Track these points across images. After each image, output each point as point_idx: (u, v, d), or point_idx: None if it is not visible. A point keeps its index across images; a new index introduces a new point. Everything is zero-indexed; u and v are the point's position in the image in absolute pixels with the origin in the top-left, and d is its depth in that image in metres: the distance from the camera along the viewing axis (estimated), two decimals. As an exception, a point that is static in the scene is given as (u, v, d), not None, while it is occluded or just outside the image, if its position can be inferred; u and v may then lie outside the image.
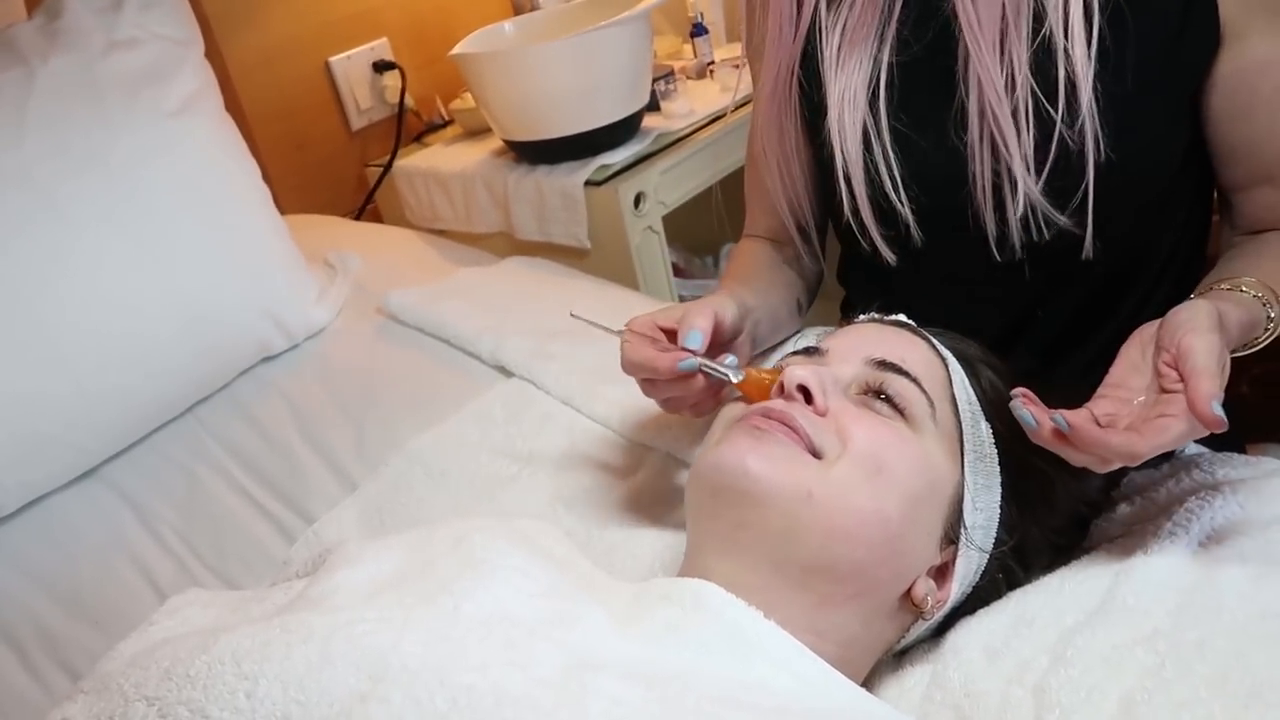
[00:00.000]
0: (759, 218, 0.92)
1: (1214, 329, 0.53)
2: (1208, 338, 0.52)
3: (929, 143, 0.72)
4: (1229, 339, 0.56)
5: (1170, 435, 0.51)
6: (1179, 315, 0.55)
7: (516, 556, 0.58)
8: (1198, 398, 0.50)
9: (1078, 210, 0.67)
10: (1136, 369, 0.56)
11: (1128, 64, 0.65)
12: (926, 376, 0.60)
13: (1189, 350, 0.52)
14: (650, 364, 0.66)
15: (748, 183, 0.93)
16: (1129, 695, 0.49)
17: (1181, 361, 0.52)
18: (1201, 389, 0.50)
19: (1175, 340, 0.53)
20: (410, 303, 1.11)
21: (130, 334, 0.96)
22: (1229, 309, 0.58)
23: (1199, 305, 0.55)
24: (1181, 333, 0.53)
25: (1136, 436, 0.51)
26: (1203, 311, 0.54)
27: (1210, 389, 0.50)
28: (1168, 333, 0.54)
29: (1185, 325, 0.53)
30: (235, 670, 0.45)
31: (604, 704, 0.44)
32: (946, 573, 0.58)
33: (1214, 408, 0.49)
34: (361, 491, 0.89)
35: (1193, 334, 0.52)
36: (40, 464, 0.92)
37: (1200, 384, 0.50)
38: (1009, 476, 0.59)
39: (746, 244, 0.92)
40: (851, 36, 0.73)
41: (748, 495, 0.54)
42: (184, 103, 1.04)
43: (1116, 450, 0.51)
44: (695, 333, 0.66)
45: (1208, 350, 0.51)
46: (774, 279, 0.87)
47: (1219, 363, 0.52)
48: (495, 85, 1.34)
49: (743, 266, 0.89)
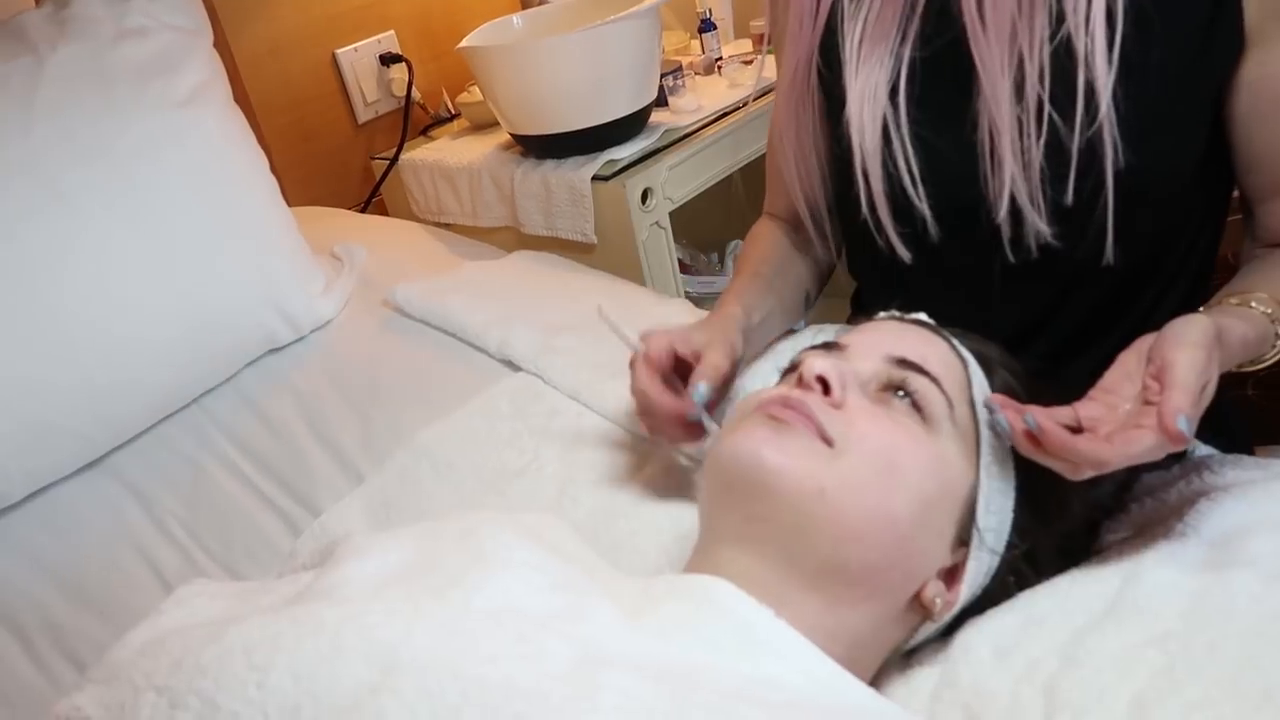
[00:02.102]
0: (777, 199, 0.93)
1: (1201, 345, 0.53)
2: (1191, 353, 0.52)
3: (947, 140, 0.71)
4: (1229, 355, 0.57)
5: (1139, 447, 0.51)
6: (1173, 329, 0.55)
7: (525, 550, 0.58)
8: (1166, 410, 0.50)
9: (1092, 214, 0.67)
10: (1130, 377, 0.56)
11: (1151, 67, 0.65)
12: (946, 376, 0.60)
13: (1170, 364, 0.52)
14: (656, 405, 0.71)
15: (768, 164, 0.94)
16: (1140, 696, 0.49)
17: (1162, 374, 0.52)
18: (1171, 401, 0.50)
19: (1162, 354, 0.53)
20: (417, 296, 1.11)
21: (136, 324, 0.95)
22: (1233, 324, 0.58)
23: (1194, 320, 0.55)
24: (1169, 347, 0.53)
25: (1106, 445, 0.51)
26: (1196, 326, 0.54)
27: (1179, 403, 0.50)
28: (1158, 345, 0.54)
29: (1173, 339, 0.54)
30: (246, 661, 0.44)
31: (614, 698, 0.44)
32: (956, 574, 0.58)
33: (1178, 421, 0.49)
34: (368, 484, 0.89)
35: (1177, 348, 0.53)
36: (45, 453, 0.92)
37: (1171, 396, 0.50)
38: (1023, 480, 0.59)
39: (764, 227, 0.93)
40: (873, 32, 0.73)
41: (762, 487, 0.54)
42: (193, 92, 1.04)
43: (1084, 457, 0.52)
44: (703, 387, 0.69)
45: (1188, 365, 0.52)
46: (787, 271, 0.87)
47: (1199, 378, 0.52)
48: (503, 79, 1.33)
49: (756, 256, 0.89)
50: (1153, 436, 0.51)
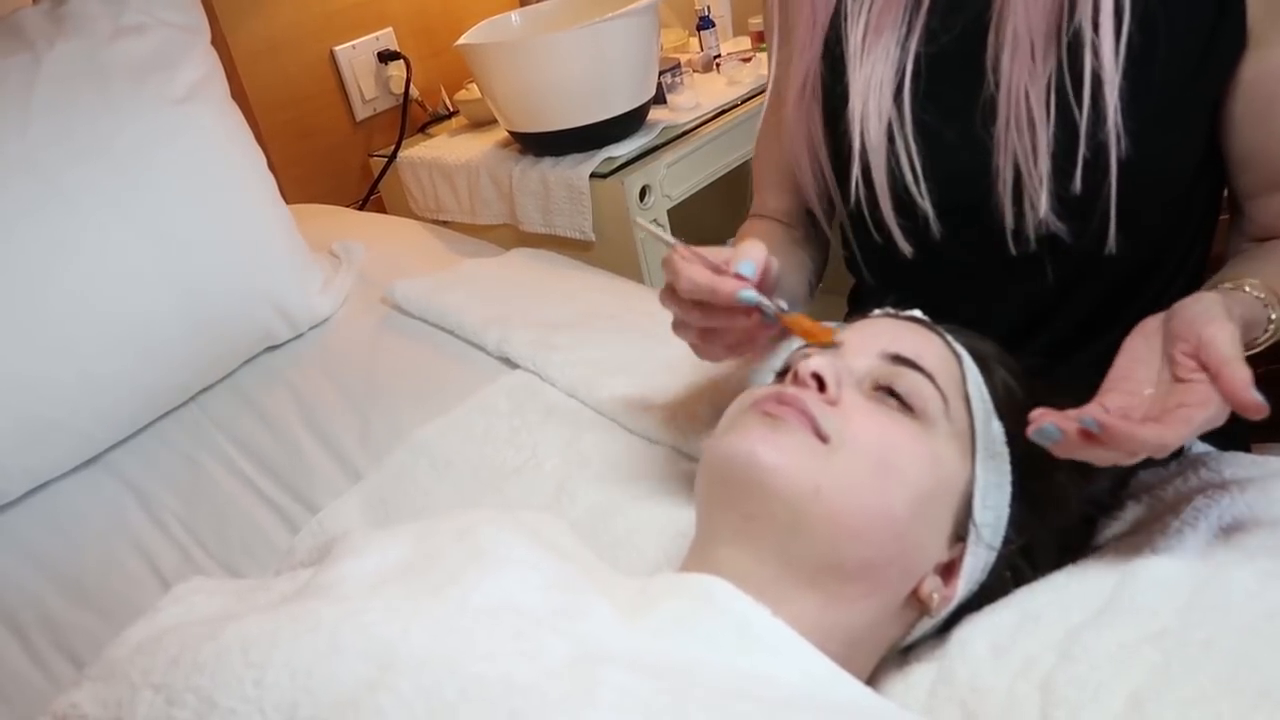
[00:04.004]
0: (770, 198, 0.91)
1: (1228, 318, 0.53)
2: (1228, 327, 0.52)
3: (953, 135, 0.71)
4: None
5: (1194, 424, 0.51)
6: (1193, 308, 0.55)
7: (523, 548, 0.58)
8: (1237, 385, 0.50)
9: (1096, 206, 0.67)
10: (1142, 361, 0.56)
11: (1156, 62, 0.65)
12: (941, 372, 0.60)
13: (1211, 340, 0.52)
14: (710, 285, 0.61)
15: (758, 164, 0.92)
16: (1136, 693, 0.49)
17: (1205, 352, 0.52)
18: (1238, 375, 0.50)
19: (1195, 331, 0.53)
20: (415, 293, 1.11)
21: (134, 321, 0.95)
22: (1231, 305, 0.58)
23: (1209, 297, 0.56)
24: (1200, 324, 0.53)
25: (1164, 428, 0.51)
26: (1215, 304, 0.55)
27: (1246, 374, 0.50)
28: (1182, 324, 0.54)
29: (1203, 316, 0.54)
30: (243, 658, 0.44)
31: (612, 694, 0.44)
32: (953, 570, 0.58)
33: (1254, 392, 0.50)
34: (366, 481, 0.89)
35: (1212, 324, 0.53)
36: (44, 450, 0.92)
37: (1236, 371, 0.50)
38: (1019, 475, 0.59)
39: (756, 224, 0.91)
40: (876, 24, 0.73)
41: (757, 485, 0.54)
42: (190, 90, 1.04)
43: (1147, 442, 0.51)
44: (749, 262, 0.62)
45: (1231, 339, 0.52)
46: (789, 259, 0.86)
47: (1240, 348, 0.52)
48: (501, 76, 1.33)
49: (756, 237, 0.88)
50: (1207, 410, 0.50)
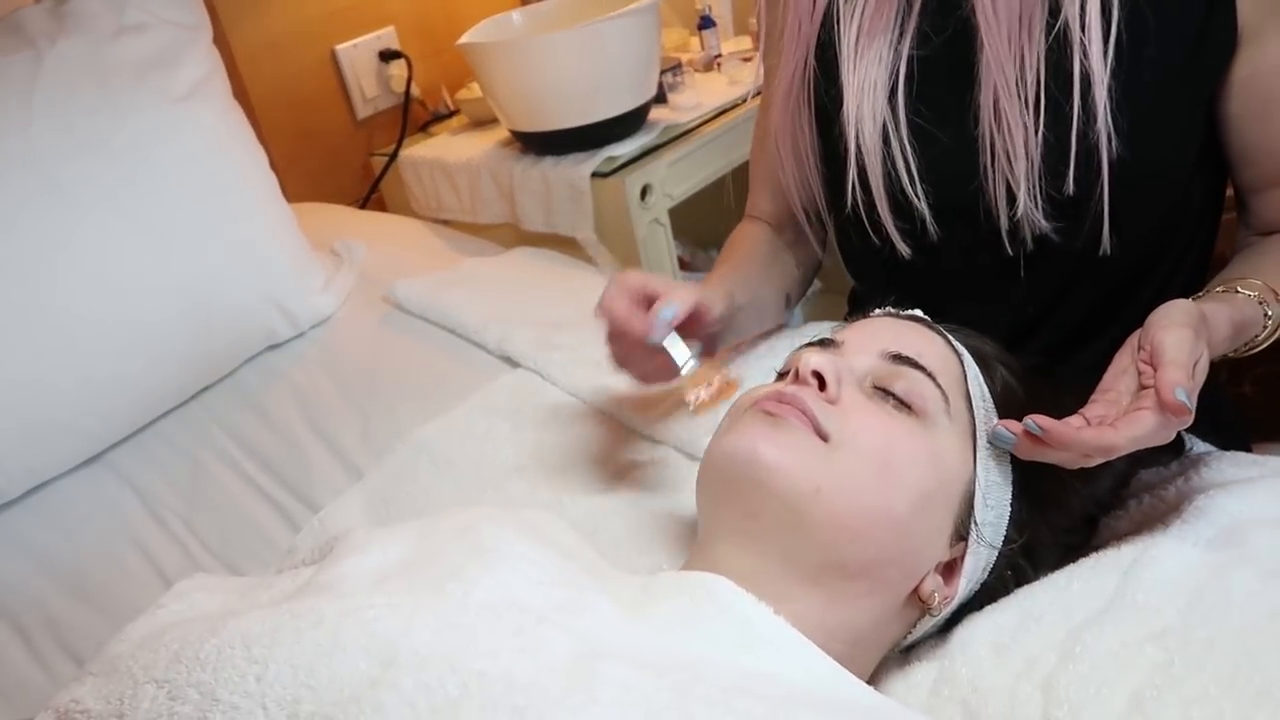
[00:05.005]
0: (761, 201, 0.92)
1: (1186, 325, 0.54)
2: (1178, 332, 0.53)
3: (947, 136, 0.72)
4: (1219, 337, 0.58)
5: (1143, 427, 0.51)
6: (1156, 315, 0.56)
7: (524, 545, 0.58)
8: (1163, 385, 0.51)
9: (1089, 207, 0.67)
10: (1125, 372, 0.57)
11: (1145, 61, 0.65)
12: (941, 371, 0.60)
13: (1160, 344, 0.53)
14: (625, 321, 0.68)
15: (753, 165, 0.93)
16: (1138, 692, 0.49)
17: (1153, 356, 0.53)
18: (1166, 376, 0.51)
19: (1149, 337, 0.54)
20: (416, 292, 1.11)
21: (135, 320, 0.95)
22: (1218, 309, 0.59)
23: (1176, 303, 0.56)
24: (1154, 329, 0.54)
25: (1110, 430, 0.52)
26: (1178, 309, 0.56)
27: (1175, 376, 0.51)
28: (1145, 332, 0.55)
29: (1158, 323, 0.55)
30: (245, 654, 0.45)
31: (613, 691, 0.44)
32: (955, 569, 0.58)
33: (1177, 394, 0.50)
34: (367, 480, 0.89)
35: (1163, 329, 0.54)
36: (45, 449, 0.92)
37: (1165, 372, 0.51)
38: (1020, 474, 0.59)
39: (746, 228, 0.92)
40: (869, 27, 0.73)
41: (757, 484, 0.54)
42: (191, 88, 1.04)
43: (1090, 444, 0.52)
44: (670, 307, 0.67)
45: (1176, 343, 0.53)
46: (768, 271, 0.87)
47: (1190, 355, 0.53)
48: (502, 75, 1.33)
49: (738, 254, 0.89)
50: (1154, 416, 0.51)
